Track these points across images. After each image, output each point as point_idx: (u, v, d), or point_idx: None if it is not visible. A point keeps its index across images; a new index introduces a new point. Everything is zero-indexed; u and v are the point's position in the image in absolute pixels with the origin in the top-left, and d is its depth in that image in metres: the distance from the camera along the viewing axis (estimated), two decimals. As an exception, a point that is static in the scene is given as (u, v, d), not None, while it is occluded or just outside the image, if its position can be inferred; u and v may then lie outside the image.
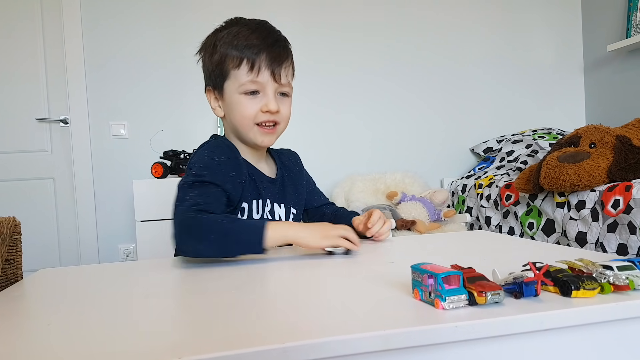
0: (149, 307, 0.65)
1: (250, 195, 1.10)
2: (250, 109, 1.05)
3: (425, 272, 0.58)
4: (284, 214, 1.17)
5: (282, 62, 1.06)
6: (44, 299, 0.73)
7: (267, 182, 1.15)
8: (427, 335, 0.49)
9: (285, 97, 1.10)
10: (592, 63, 3.20)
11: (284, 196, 1.18)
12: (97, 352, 0.48)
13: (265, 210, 1.13)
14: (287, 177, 1.22)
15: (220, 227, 0.88)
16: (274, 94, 1.06)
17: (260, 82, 1.04)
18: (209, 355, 0.45)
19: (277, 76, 1.04)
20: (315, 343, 0.47)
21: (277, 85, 1.06)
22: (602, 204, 1.82)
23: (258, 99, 1.05)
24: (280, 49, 1.07)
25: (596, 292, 0.57)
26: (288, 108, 1.11)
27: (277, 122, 1.09)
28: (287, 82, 1.09)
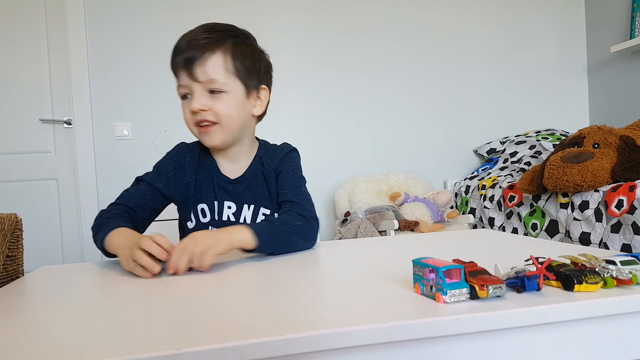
0: (148, 301, 0.65)
1: (207, 195, 1.12)
2: (186, 112, 1.06)
3: (426, 266, 0.57)
4: (251, 215, 1.13)
5: (196, 60, 1.01)
6: (44, 294, 0.73)
7: (227, 183, 1.13)
8: (427, 328, 0.49)
9: (219, 94, 1.04)
10: (595, 64, 3.19)
11: (253, 197, 1.14)
12: (94, 344, 0.48)
13: (227, 212, 1.12)
14: (261, 176, 1.16)
15: (99, 219, 0.99)
16: (201, 93, 1.03)
17: (184, 85, 1.04)
18: (208, 347, 0.44)
19: (194, 75, 1.01)
20: (314, 335, 0.46)
21: (199, 84, 1.02)
22: (605, 205, 1.81)
23: (189, 100, 1.05)
24: (198, 46, 1.02)
25: (599, 286, 0.57)
26: (222, 105, 1.04)
27: (213, 121, 1.04)
28: (208, 78, 1.02)
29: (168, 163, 1.13)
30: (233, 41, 1.06)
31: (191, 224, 1.13)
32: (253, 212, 1.13)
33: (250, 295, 0.66)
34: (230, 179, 1.14)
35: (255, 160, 1.17)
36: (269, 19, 2.84)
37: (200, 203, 1.12)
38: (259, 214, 1.14)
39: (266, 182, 1.16)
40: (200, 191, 1.12)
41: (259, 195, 1.14)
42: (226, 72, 1.04)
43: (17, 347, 0.48)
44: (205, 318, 0.54)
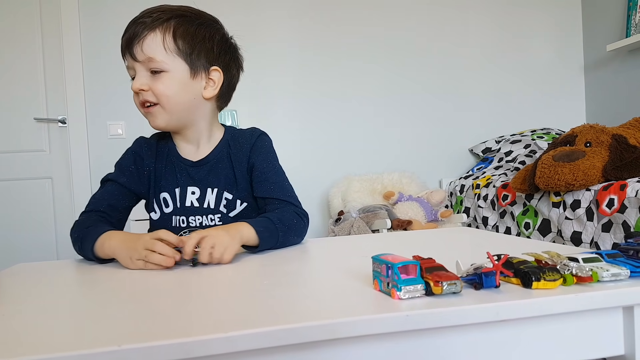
0: (106, 298, 0.65)
1: (169, 183, 1.10)
2: (133, 95, 1.04)
3: (383, 262, 0.57)
4: (214, 199, 1.10)
5: (134, 39, 1.00)
6: (9, 291, 0.73)
7: (188, 167, 1.11)
8: (376, 325, 0.48)
9: (159, 74, 1.01)
10: (592, 63, 3.17)
11: (217, 180, 1.11)
12: (47, 338, 0.47)
13: (191, 198, 1.09)
14: (226, 159, 1.12)
15: (78, 232, 0.97)
16: (144, 73, 1.01)
17: (129, 67, 1.03)
18: (149, 343, 0.44)
19: (133, 55, 1.00)
20: (259, 332, 0.46)
21: (139, 64, 1.01)
22: (597, 203, 1.80)
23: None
24: (137, 25, 1.01)
25: (558, 283, 0.56)
26: (162, 85, 1.01)
27: (154, 102, 1.02)
28: (147, 57, 0.99)
29: (128, 158, 1.13)
30: (177, 20, 1.02)
31: (155, 215, 1.11)
32: (217, 196, 1.10)
33: (205, 293, 0.65)
34: (192, 162, 1.11)
35: (221, 143, 1.14)
36: (264, 17, 2.84)
37: (162, 192, 1.10)
38: (222, 198, 1.10)
39: (232, 164, 1.12)
40: (160, 179, 1.10)
41: (223, 178, 1.11)
42: (166, 51, 1.00)
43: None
44: (159, 313, 0.54)
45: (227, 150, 1.13)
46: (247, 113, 2.74)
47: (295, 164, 2.81)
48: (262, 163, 1.12)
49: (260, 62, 2.82)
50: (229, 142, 1.14)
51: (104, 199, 1.07)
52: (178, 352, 0.44)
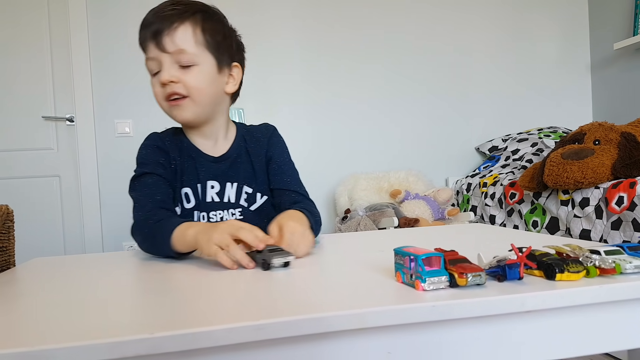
0: (130, 289, 0.65)
1: (190, 179, 1.09)
2: (156, 87, 1.02)
3: (406, 255, 0.57)
4: (235, 194, 1.11)
5: (164, 29, 0.98)
6: (31, 283, 0.73)
7: (209, 162, 1.11)
8: (403, 315, 0.49)
9: (189, 67, 1.00)
10: (599, 61, 3.16)
11: (236, 174, 1.12)
12: (70, 328, 0.48)
13: (210, 192, 1.09)
14: (245, 154, 1.14)
15: (146, 228, 0.92)
16: (171, 65, 0.99)
17: (152, 58, 1.00)
18: (180, 331, 0.44)
19: (162, 46, 0.98)
20: (288, 321, 0.46)
21: (167, 55, 0.99)
22: (606, 201, 1.80)
23: (159, 75, 1.02)
24: (164, 16, 0.99)
25: (581, 275, 0.56)
26: (193, 78, 1.00)
27: (183, 95, 1.01)
28: (178, 48, 0.98)
29: (153, 152, 1.09)
30: (202, 15, 1.03)
31: (177, 210, 1.10)
32: (236, 191, 1.11)
33: (229, 284, 0.66)
34: (213, 157, 1.11)
35: (237, 138, 1.15)
36: (268, 13, 2.84)
37: (184, 187, 1.09)
38: (242, 192, 1.11)
39: (250, 159, 1.13)
40: (183, 174, 1.09)
41: (242, 172, 1.12)
42: (196, 43, 1.01)
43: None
44: (181, 305, 0.55)
45: (244, 145, 1.15)
46: (253, 111, 2.74)
47: (301, 162, 2.79)
48: (279, 156, 1.16)
49: (267, 60, 2.82)
50: (244, 137, 1.16)
51: (153, 192, 1.01)
52: (209, 339, 0.45)
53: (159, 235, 0.86)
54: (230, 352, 0.47)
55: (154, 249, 0.92)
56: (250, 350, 0.47)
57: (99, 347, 0.43)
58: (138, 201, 0.99)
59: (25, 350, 0.42)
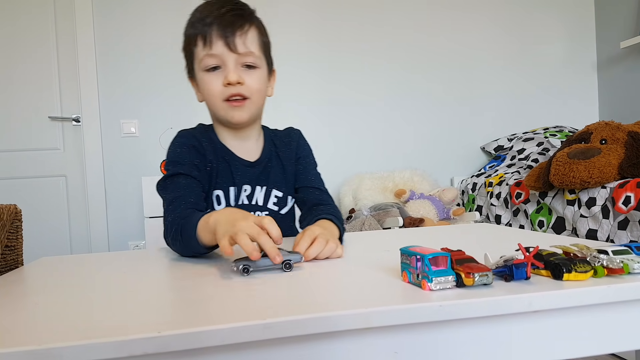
0: (138, 289, 0.65)
1: (223, 181, 1.07)
2: (213, 85, 1.00)
3: (413, 254, 0.57)
4: (263, 197, 1.11)
5: (236, 29, 0.97)
6: (39, 282, 0.74)
7: (244, 167, 1.10)
8: (410, 314, 0.49)
9: (253, 69, 1.01)
10: (605, 60, 3.15)
11: (266, 178, 1.12)
12: (79, 327, 0.48)
13: (243, 195, 1.09)
14: (276, 158, 1.15)
15: (177, 226, 0.87)
16: (235, 65, 0.99)
17: (216, 55, 0.98)
18: (189, 330, 0.44)
19: (233, 45, 0.97)
20: (294, 320, 0.46)
21: (236, 56, 0.98)
22: (613, 201, 1.79)
23: (219, 73, 1.00)
24: (235, 16, 0.99)
25: (589, 275, 0.56)
26: (255, 80, 1.01)
27: (245, 96, 1.01)
28: (248, 50, 0.99)
29: (188, 152, 1.05)
30: (259, 20, 1.05)
31: None
32: (265, 194, 1.11)
33: (237, 283, 0.66)
34: (249, 162, 1.10)
35: (267, 142, 1.15)
36: (277, 8, 2.85)
37: (216, 189, 1.07)
38: (270, 196, 1.12)
39: (282, 163, 1.14)
40: (217, 177, 1.07)
41: (272, 177, 1.12)
42: (259, 47, 1.02)
43: (7, 328, 0.48)
44: (188, 303, 0.55)
45: (274, 149, 1.15)
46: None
47: (307, 162, 2.81)
48: (306, 157, 1.19)
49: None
50: (273, 141, 1.16)
51: (186, 194, 0.97)
52: (215, 338, 0.45)
53: (186, 231, 0.83)
54: (237, 351, 0.47)
55: (184, 248, 0.87)
56: (257, 349, 0.47)
57: (106, 345, 0.43)
58: (171, 203, 0.95)
59: (32, 349, 0.42)
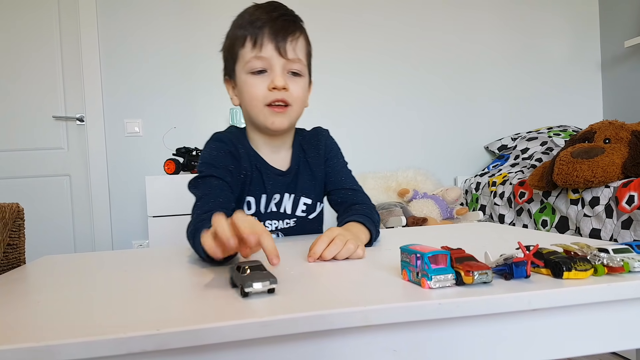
0: (139, 287, 0.66)
1: (256, 189, 1.06)
2: (257, 88, 0.97)
3: (412, 252, 0.57)
4: (292, 205, 1.10)
5: (288, 34, 0.96)
6: (41, 281, 0.74)
7: (276, 176, 1.08)
8: (409, 312, 0.49)
9: (297, 77, 1.00)
10: (609, 59, 3.14)
11: (295, 186, 1.10)
12: (79, 324, 0.48)
13: (272, 203, 1.08)
14: (305, 164, 1.12)
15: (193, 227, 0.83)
16: (282, 71, 0.97)
17: (264, 58, 0.96)
18: (188, 327, 0.45)
19: (283, 50, 0.95)
20: (292, 318, 0.46)
21: (284, 61, 0.96)
22: (616, 200, 1.78)
23: (265, 77, 0.97)
24: (286, 21, 0.98)
25: (589, 273, 0.56)
26: (299, 88, 1.00)
27: (287, 103, 0.98)
28: (296, 57, 0.98)
29: (223, 157, 1.02)
30: (305, 29, 1.03)
31: None
32: (293, 201, 1.10)
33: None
34: (281, 171, 1.09)
35: (296, 147, 1.13)
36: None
37: (248, 196, 1.06)
38: (299, 204, 1.10)
39: (311, 169, 1.12)
40: (250, 185, 1.05)
41: (300, 184, 1.11)
42: (305, 56, 1.01)
43: (7, 326, 0.48)
44: (187, 302, 0.55)
45: (303, 155, 1.13)
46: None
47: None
48: (334, 158, 1.16)
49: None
50: (301, 145, 1.14)
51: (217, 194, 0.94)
52: (214, 336, 0.45)
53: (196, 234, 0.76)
54: (236, 349, 0.47)
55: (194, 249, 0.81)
56: (256, 347, 0.47)
57: (105, 343, 0.43)
58: (200, 199, 0.93)
59: (31, 346, 0.42)
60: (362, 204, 1.08)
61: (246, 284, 0.53)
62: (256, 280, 0.53)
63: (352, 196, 1.11)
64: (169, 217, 2.27)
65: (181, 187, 2.26)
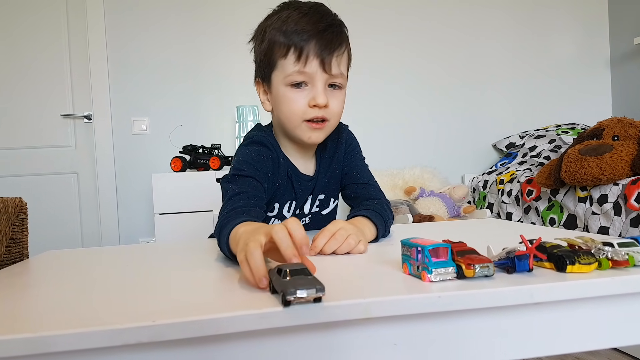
0: (139, 281, 0.65)
1: (285, 196, 1.04)
2: (297, 104, 0.93)
3: (413, 246, 0.56)
4: (310, 204, 1.09)
5: (334, 49, 0.92)
6: (43, 274, 0.74)
7: (305, 182, 1.06)
8: (408, 305, 0.48)
9: (337, 90, 0.96)
10: (618, 56, 3.10)
11: (314, 187, 1.09)
12: (78, 315, 0.48)
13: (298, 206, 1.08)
14: (325, 164, 1.10)
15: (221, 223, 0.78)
16: (324, 86, 0.93)
17: (307, 73, 0.91)
18: (184, 319, 0.44)
19: (327, 66, 0.91)
20: (293, 309, 0.46)
21: (327, 77, 0.92)
22: (625, 198, 1.76)
23: (306, 91, 0.93)
24: (334, 34, 0.93)
25: (593, 267, 0.55)
26: (339, 102, 0.97)
27: (325, 119, 0.95)
28: (339, 72, 0.94)
29: (264, 162, 0.98)
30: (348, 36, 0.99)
31: None
32: (311, 200, 1.09)
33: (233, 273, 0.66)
34: (309, 176, 1.07)
35: (319, 150, 1.10)
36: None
37: (275, 201, 1.04)
38: (316, 201, 1.10)
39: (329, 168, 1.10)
40: (282, 192, 1.03)
41: (319, 183, 1.09)
42: (347, 67, 0.98)
43: (5, 317, 0.48)
44: (184, 294, 0.55)
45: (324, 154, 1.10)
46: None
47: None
48: (352, 153, 1.14)
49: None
50: (325, 144, 1.10)
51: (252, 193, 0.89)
52: (210, 327, 0.44)
53: (224, 230, 0.74)
54: (233, 341, 0.46)
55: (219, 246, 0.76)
56: (254, 339, 0.47)
57: (100, 334, 0.43)
58: (235, 194, 0.87)
59: (27, 337, 0.42)
60: (375, 199, 1.05)
61: (289, 291, 0.46)
62: (301, 288, 0.46)
63: (365, 190, 1.08)
64: (176, 215, 2.28)
65: (188, 184, 2.27)
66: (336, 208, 1.15)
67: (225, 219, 0.77)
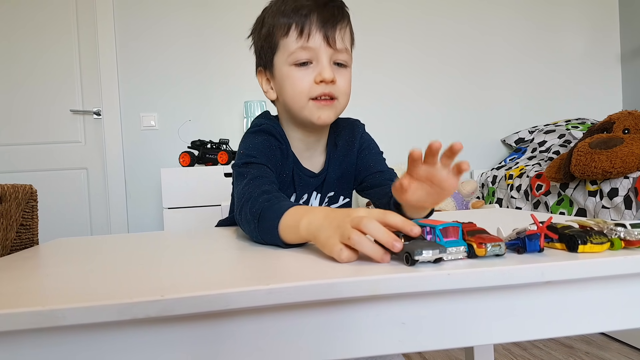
0: (149, 261, 0.66)
1: (283, 190, 1.00)
2: (302, 81, 0.90)
3: (424, 226, 0.56)
4: (318, 202, 1.06)
5: (337, 23, 0.89)
6: (52, 258, 0.74)
7: (308, 177, 1.03)
8: (416, 283, 0.47)
9: (343, 68, 0.92)
10: (629, 51, 3.07)
11: (322, 186, 1.06)
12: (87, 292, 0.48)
13: (300, 202, 1.04)
14: (334, 162, 1.06)
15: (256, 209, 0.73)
16: (329, 62, 0.89)
17: (311, 48, 0.88)
18: (193, 294, 0.44)
19: (332, 40, 0.88)
20: (299, 286, 0.46)
21: (331, 52, 0.89)
22: (635, 191, 1.74)
23: (311, 69, 0.90)
24: (335, 8, 0.90)
25: (605, 247, 0.54)
26: (346, 81, 0.93)
27: (334, 97, 0.91)
28: (344, 47, 0.91)
29: (273, 152, 0.95)
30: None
31: None
32: (320, 200, 1.06)
33: (241, 248, 0.65)
34: (313, 173, 1.03)
35: (330, 145, 1.06)
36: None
37: None
38: (324, 199, 1.07)
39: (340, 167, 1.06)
40: (283, 183, 1.00)
41: (327, 182, 1.06)
42: (351, 45, 0.95)
43: (16, 294, 0.48)
44: (193, 269, 0.55)
45: (335, 152, 1.07)
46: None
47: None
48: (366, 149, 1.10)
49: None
50: (335, 142, 1.07)
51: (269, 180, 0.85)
52: (219, 302, 0.44)
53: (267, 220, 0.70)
54: (240, 316, 0.46)
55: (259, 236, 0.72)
56: (262, 315, 0.47)
57: (109, 307, 0.43)
58: (255, 178, 0.84)
59: (37, 310, 0.42)
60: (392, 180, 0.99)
61: (415, 252, 0.50)
62: (426, 248, 0.51)
63: (379, 177, 1.04)
64: (184, 209, 2.29)
65: (196, 179, 2.27)
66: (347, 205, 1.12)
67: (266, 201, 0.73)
